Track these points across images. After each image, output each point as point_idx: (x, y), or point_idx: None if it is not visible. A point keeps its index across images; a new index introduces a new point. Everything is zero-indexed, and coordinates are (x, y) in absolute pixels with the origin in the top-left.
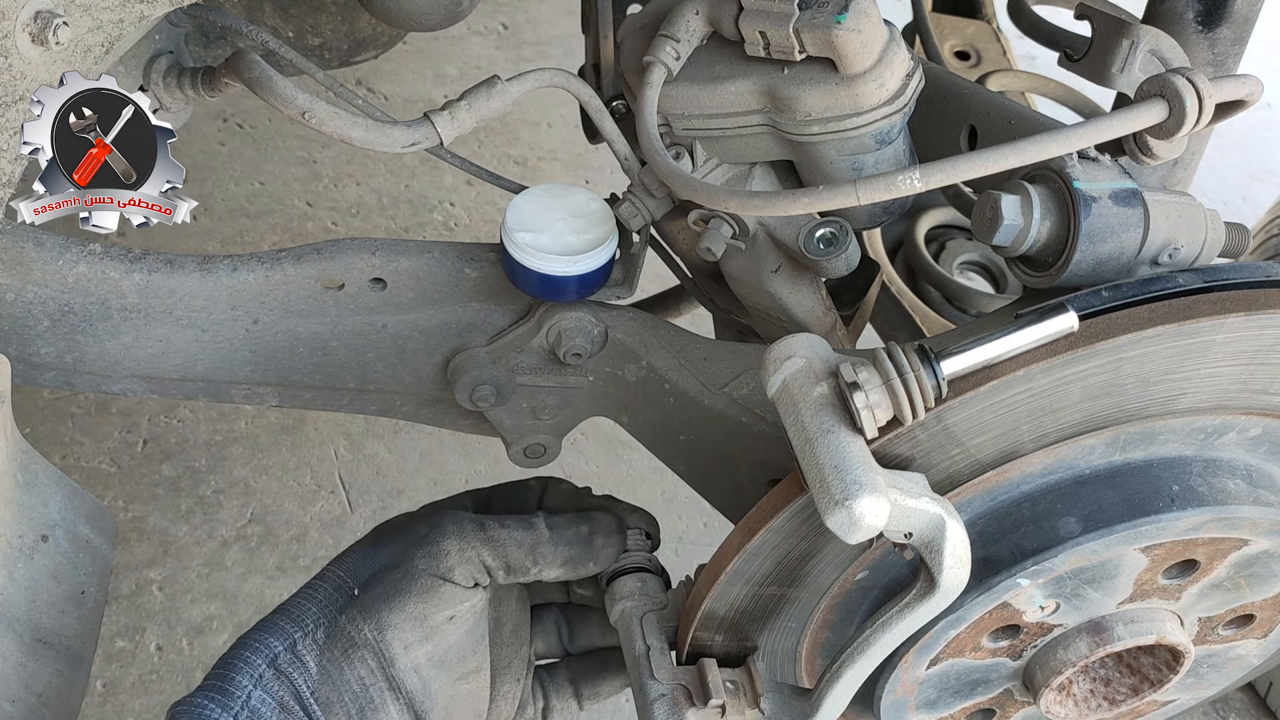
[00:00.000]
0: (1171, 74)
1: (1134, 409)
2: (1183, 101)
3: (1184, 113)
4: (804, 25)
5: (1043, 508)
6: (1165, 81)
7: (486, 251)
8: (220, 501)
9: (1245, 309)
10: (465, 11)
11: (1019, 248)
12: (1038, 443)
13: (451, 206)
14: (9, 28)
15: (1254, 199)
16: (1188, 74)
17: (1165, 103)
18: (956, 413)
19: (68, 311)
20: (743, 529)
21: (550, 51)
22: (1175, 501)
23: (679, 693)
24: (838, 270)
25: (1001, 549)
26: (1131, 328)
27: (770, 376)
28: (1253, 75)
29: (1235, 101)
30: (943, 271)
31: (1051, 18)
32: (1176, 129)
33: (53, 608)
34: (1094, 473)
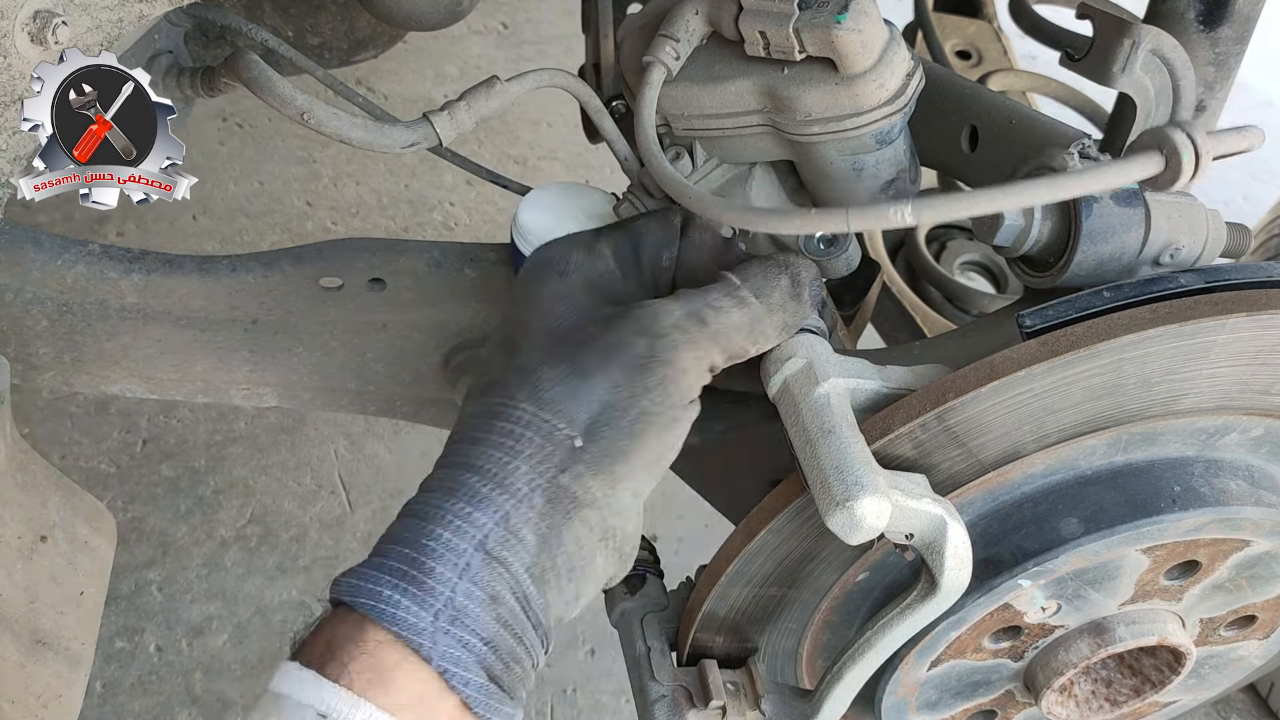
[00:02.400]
0: (1170, 128)
1: (1136, 409)
2: (1179, 158)
3: (1179, 169)
4: (804, 25)
5: (1044, 508)
6: (1163, 136)
7: (486, 251)
8: (220, 502)
9: (1247, 309)
10: (465, 11)
11: (1020, 248)
12: (1039, 443)
13: (451, 206)
14: (8, 27)
15: (1255, 199)
16: (1187, 128)
17: (1162, 157)
18: (957, 414)
19: (67, 311)
20: (743, 530)
21: (550, 51)
22: (1177, 502)
23: (679, 694)
24: (838, 270)
25: (1003, 550)
26: (1134, 328)
27: (771, 377)
28: (1254, 127)
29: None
30: (944, 271)
31: (1053, 17)
32: (1171, 183)
33: (52, 608)
34: (1096, 473)
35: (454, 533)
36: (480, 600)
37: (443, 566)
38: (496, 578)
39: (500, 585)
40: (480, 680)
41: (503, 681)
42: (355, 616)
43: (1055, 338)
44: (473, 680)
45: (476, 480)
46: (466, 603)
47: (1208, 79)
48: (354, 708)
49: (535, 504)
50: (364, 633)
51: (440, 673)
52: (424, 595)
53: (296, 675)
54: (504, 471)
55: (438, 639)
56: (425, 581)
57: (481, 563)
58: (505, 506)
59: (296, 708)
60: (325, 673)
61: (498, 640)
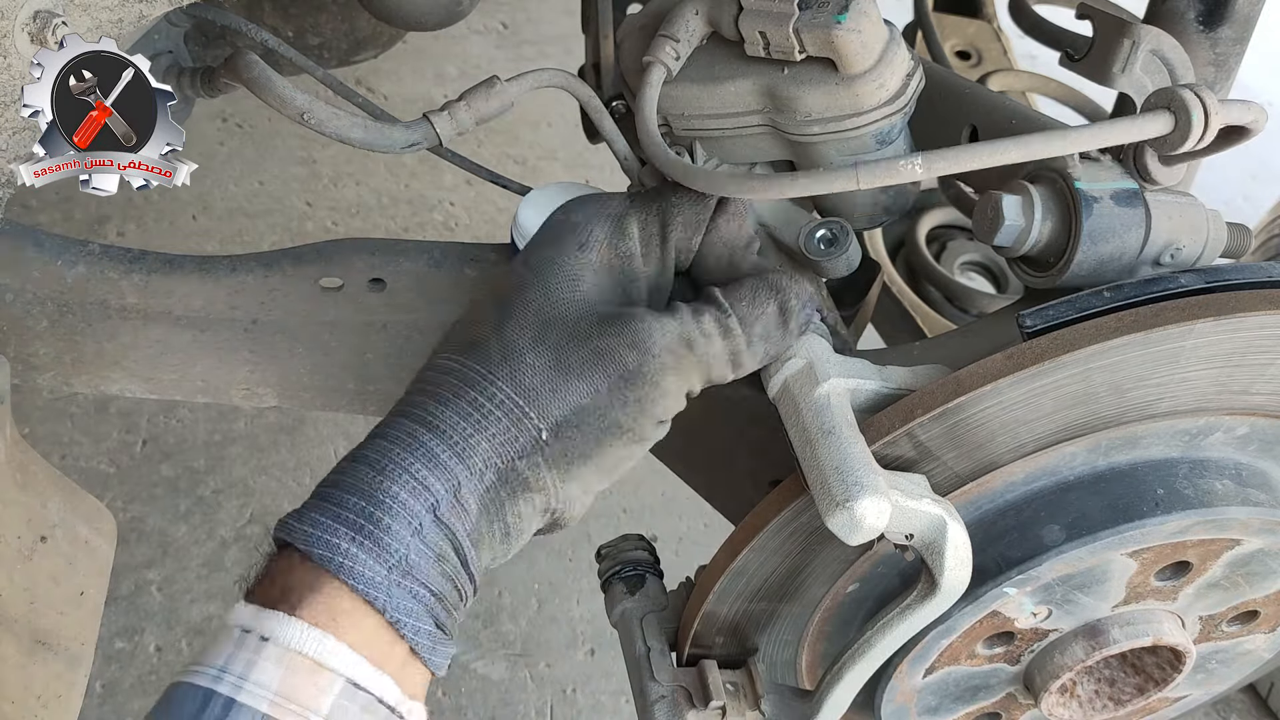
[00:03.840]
0: (1180, 88)
1: (1111, 415)
2: (1189, 115)
3: (1189, 127)
4: (804, 25)
5: (1027, 516)
6: (1173, 94)
7: (486, 251)
8: (219, 502)
9: (1214, 313)
10: (465, 11)
11: (1020, 248)
12: (1015, 453)
13: (451, 206)
14: (8, 27)
15: (1254, 199)
16: (1196, 89)
17: (1171, 115)
18: (927, 430)
19: (67, 311)
20: (743, 531)
21: (550, 51)
22: (1160, 505)
23: (679, 694)
24: (839, 270)
25: (987, 558)
26: (1098, 338)
27: (771, 377)
28: (1257, 103)
29: (1238, 129)
30: (944, 272)
31: (1053, 17)
32: (1180, 143)
33: (52, 608)
34: (1078, 479)
35: (410, 494)
36: (429, 558)
37: (399, 525)
38: (443, 539)
39: (446, 546)
40: (429, 628)
41: (446, 626)
42: (310, 565)
43: (1021, 350)
44: (422, 629)
45: (436, 444)
46: (418, 560)
47: (1208, 79)
48: (320, 642)
49: (486, 480)
50: (319, 580)
51: (393, 623)
52: (380, 551)
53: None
54: (465, 444)
55: (392, 592)
56: (382, 538)
57: (431, 524)
58: (459, 477)
59: (259, 642)
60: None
61: (444, 591)
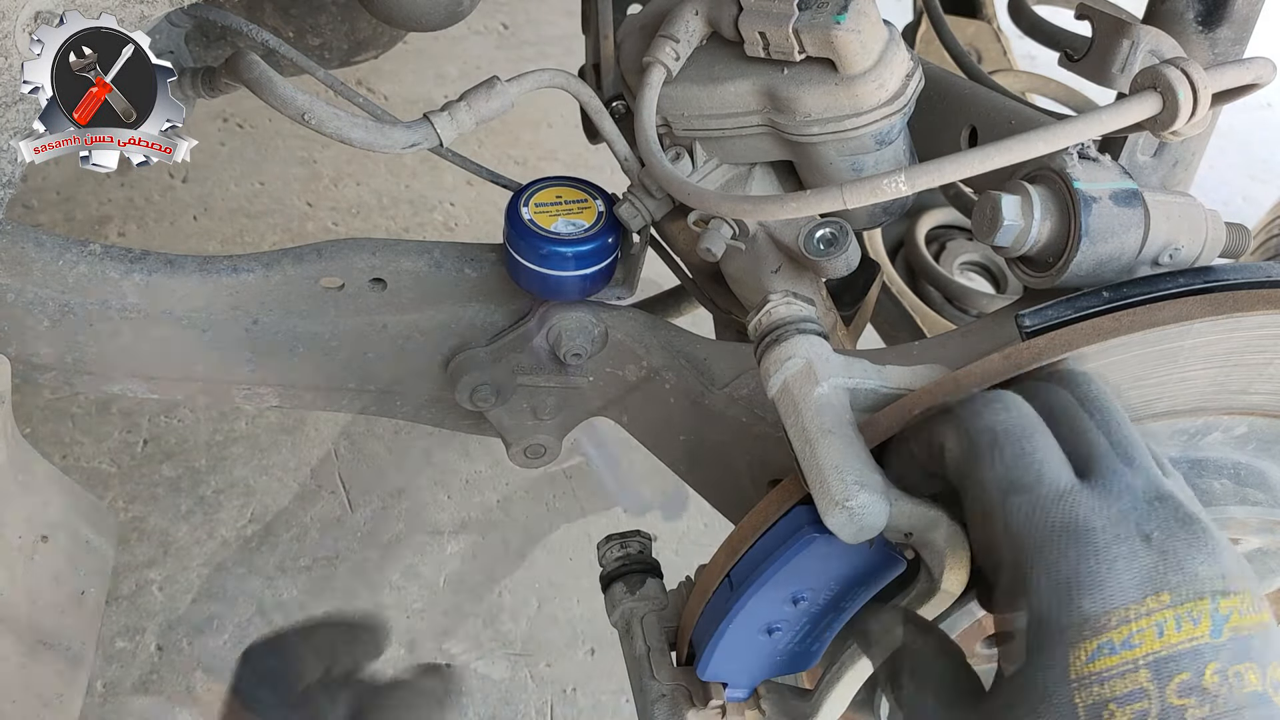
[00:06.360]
0: (1165, 65)
1: None
2: (1175, 94)
3: (1178, 106)
4: (803, 25)
5: None
6: (1158, 73)
7: (486, 252)
8: (220, 502)
9: (1212, 313)
10: (465, 11)
11: (1019, 248)
12: None
13: (451, 206)
14: (9, 28)
15: (1254, 198)
16: (1182, 64)
17: (1158, 95)
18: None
19: (68, 311)
20: (743, 530)
21: (550, 51)
22: None
23: (679, 693)
24: (838, 270)
25: None
26: (1096, 338)
27: (771, 377)
28: (1262, 57)
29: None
30: (943, 272)
31: (1052, 18)
32: (1171, 122)
33: (53, 608)
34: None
35: None
36: None
37: None
38: None
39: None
40: None
41: None
42: None
43: (1020, 350)
44: None
45: None
46: None
47: None
48: None
49: None
50: None
51: None
52: None
53: None
54: None
55: None
56: None
57: None
58: None
59: None
60: None
61: None
